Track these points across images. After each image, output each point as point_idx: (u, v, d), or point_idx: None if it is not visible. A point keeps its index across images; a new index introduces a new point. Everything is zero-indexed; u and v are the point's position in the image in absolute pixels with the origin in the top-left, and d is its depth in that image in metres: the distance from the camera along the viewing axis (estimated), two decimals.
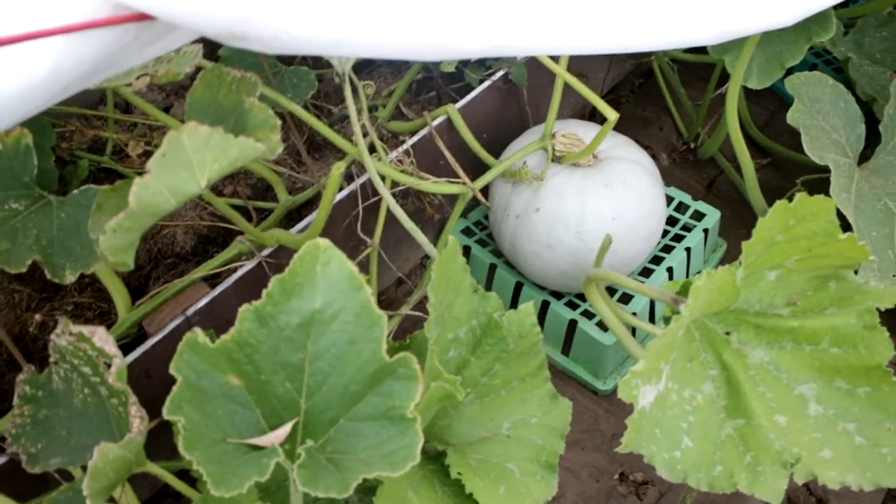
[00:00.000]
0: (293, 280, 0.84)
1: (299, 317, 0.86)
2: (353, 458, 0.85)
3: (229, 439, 0.85)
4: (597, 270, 1.32)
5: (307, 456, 0.82)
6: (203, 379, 0.85)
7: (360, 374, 0.87)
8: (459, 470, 1.08)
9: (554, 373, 1.61)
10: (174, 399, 0.83)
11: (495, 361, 1.18)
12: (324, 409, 0.88)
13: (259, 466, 0.80)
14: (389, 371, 0.86)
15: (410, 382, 0.86)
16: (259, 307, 0.84)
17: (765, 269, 1.10)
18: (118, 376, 0.90)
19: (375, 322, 0.86)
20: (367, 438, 0.86)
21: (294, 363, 0.87)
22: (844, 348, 1.08)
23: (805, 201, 1.02)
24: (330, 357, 0.87)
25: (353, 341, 0.86)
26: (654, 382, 1.02)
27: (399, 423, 0.86)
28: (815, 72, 1.64)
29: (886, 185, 1.66)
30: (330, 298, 0.85)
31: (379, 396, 0.87)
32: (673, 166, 2.01)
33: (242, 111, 1.05)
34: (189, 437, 0.81)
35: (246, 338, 0.84)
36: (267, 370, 0.86)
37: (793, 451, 1.04)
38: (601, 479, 1.49)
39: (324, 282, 0.85)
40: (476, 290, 1.17)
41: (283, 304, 0.85)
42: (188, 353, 0.84)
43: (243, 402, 0.87)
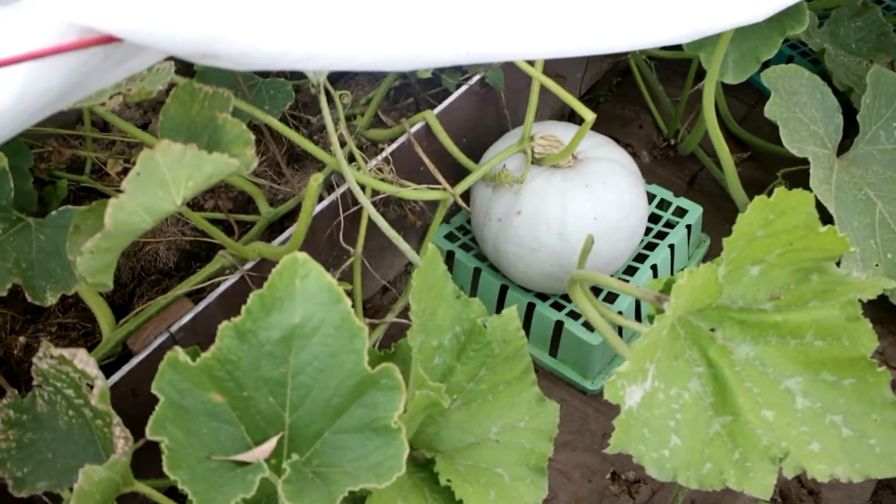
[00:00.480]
0: (272, 295, 0.84)
1: (279, 331, 0.85)
2: (339, 471, 0.84)
3: (214, 457, 0.84)
4: (580, 271, 1.31)
5: (292, 470, 0.82)
6: (186, 397, 0.85)
7: (343, 387, 0.86)
8: (449, 477, 1.08)
9: (542, 374, 1.62)
10: (157, 419, 0.83)
11: (481, 367, 1.18)
12: (308, 422, 0.88)
13: (244, 483, 0.80)
14: (372, 382, 0.86)
15: (393, 393, 0.85)
16: (238, 323, 0.83)
17: (747, 264, 1.10)
18: (101, 398, 0.90)
19: (356, 334, 0.85)
20: (353, 451, 0.86)
21: (276, 378, 0.86)
22: (829, 341, 1.08)
23: (784, 195, 1.02)
24: (312, 370, 0.86)
25: (334, 354, 0.86)
26: (640, 382, 1.02)
27: (384, 433, 0.85)
28: (792, 64, 1.65)
29: (866, 175, 1.66)
30: (309, 312, 0.85)
31: (363, 408, 0.86)
32: (654, 163, 2.01)
33: (216, 127, 1.04)
34: (173, 457, 0.81)
35: (226, 354, 0.84)
36: (249, 386, 0.86)
37: (781, 445, 1.04)
38: (593, 480, 1.49)
39: (303, 296, 0.85)
40: (458, 297, 1.16)
41: (263, 320, 0.84)
42: (169, 372, 0.84)
43: (227, 419, 0.87)
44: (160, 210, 0.94)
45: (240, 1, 0.66)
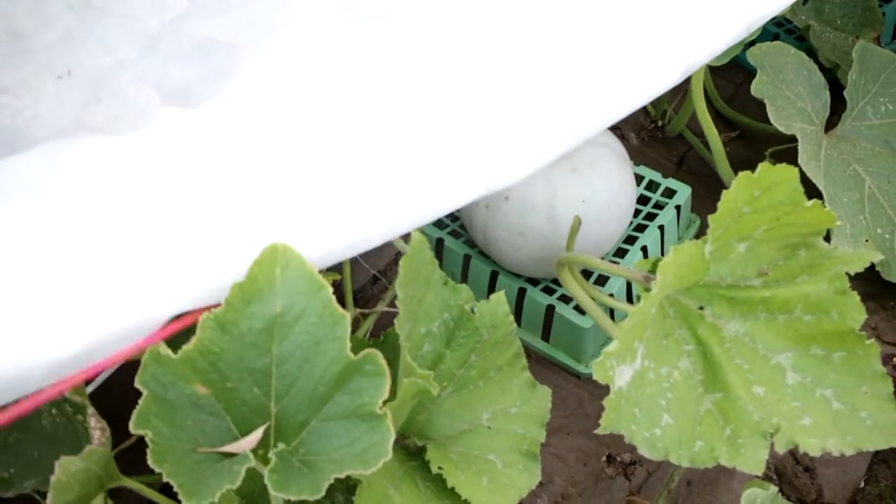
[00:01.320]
0: (252, 285, 0.83)
1: (261, 321, 0.85)
2: (326, 459, 0.84)
3: (200, 449, 0.84)
4: (568, 254, 1.31)
5: (278, 459, 0.82)
6: (169, 391, 0.84)
7: (328, 374, 0.86)
8: (440, 464, 1.08)
9: (535, 359, 1.61)
10: (141, 413, 0.82)
11: (470, 353, 1.17)
12: (294, 411, 0.87)
13: (231, 474, 0.80)
14: (356, 368, 0.85)
15: (378, 378, 0.85)
16: (219, 314, 0.83)
17: (734, 241, 1.10)
18: (75, 390, 0.90)
19: (338, 321, 0.85)
20: (339, 438, 0.86)
21: (260, 368, 0.86)
22: (817, 315, 1.08)
23: (768, 171, 1.02)
24: (296, 359, 0.86)
25: (317, 342, 0.85)
26: (629, 362, 1.02)
27: (369, 419, 0.85)
28: (777, 42, 1.64)
29: (854, 151, 1.66)
30: (291, 301, 0.84)
31: (347, 395, 0.86)
32: (642, 145, 2.00)
33: None
34: (158, 450, 0.81)
35: (209, 346, 0.83)
36: (233, 377, 0.85)
37: (772, 421, 1.04)
38: (588, 463, 1.49)
39: (283, 285, 0.84)
40: (446, 283, 1.16)
41: (244, 310, 0.84)
42: (152, 365, 0.83)
43: (212, 411, 0.86)
44: None
45: None
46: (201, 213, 0.82)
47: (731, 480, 1.44)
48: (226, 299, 0.83)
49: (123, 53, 0.97)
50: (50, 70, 0.95)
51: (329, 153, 0.88)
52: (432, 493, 1.08)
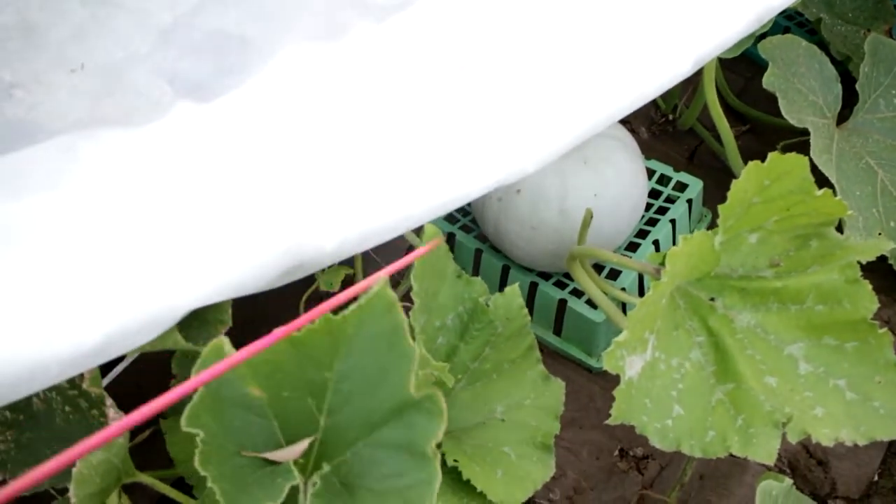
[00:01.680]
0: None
1: (329, 336, 0.84)
2: (367, 487, 0.83)
3: (244, 452, 0.83)
4: (580, 247, 1.32)
5: (322, 484, 0.81)
6: (223, 387, 0.83)
7: (385, 402, 0.83)
8: (455, 457, 1.08)
9: (547, 354, 1.61)
10: (193, 408, 0.81)
11: (484, 346, 1.18)
12: (344, 429, 0.86)
13: (273, 489, 0.79)
14: (414, 405, 0.84)
15: (434, 418, 0.82)
16: (295, 337, 0.82)
17: (745, 232, 1.10)
18: (91, 381, 0.90)
19: (406, 355, 0.83)
20: (385, 466, 0.84)
21: (319, 381, 0.84)
22: (829, 304, 1.08)
23: (778, 160, 1.02)
24: (356, 379, 0.84)
25: (382, 368, 0.83)
26: (639, 352, 1.02)
27: (419, 458, 0.83)
28: (789, 35, 1.64)
29: (867, 144, 1.66)
30: (360, 319, 0.84)
31: (401, 428, 0.83)
32: (653, 139, 2.00)
33: None
34: (206, 451, 0.80)
35: (275, 357, 0.82)
36: (290, 386, 0.84)
37: (784, 411, 1.04)
38: (601, 457, 1.49)
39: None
40: (460, 276, 1.16)
41: (313, 328, 0.83)
42: (213, 361, 0.81)
43: (262, 413, 0.85)
44: None
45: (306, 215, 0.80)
46: (218, 205, 0.83)
47: (745, 474, 1.44)
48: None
49: (136, 47, 0.97)
50: (63, 64, 0.95)
51: (342, 145, 0.88)
52: (447, 485, 1.08)
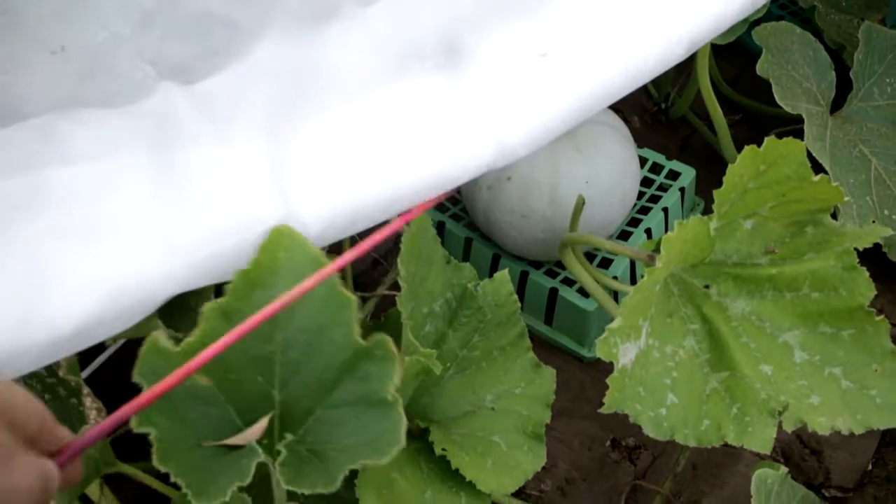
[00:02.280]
0: (256, 272, 0.80)
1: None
2: (336, 448, 0.81)
3: (204, 443, 0.81)
4: (572, 234, 1.30)
5: (288, 452, 0.79)
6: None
7: (335, 360, 0.83)
8: (444, 446, 1.06)
9: (538, 343, 1.59)
10: (141, 410, 0.79)
11: (473, 333, 1.16)
12: (299, 398, 0.84)
13: (239, 469, 0.77)
14: (365, 354, 0.82)
15: (387, 364, 0.81)
16: (224, 304, 0.80)
17: (740, 218, 1.08)
18: (69, 369, 0.88)
19: (345, 305, 0.82)
20: (348, 425, 0.82)
21: (264, 356, 0.82)
22: (825, 292, 1.06)
23: (774, 145, 1.00)
24: (301, 345, 0.82)
25: (323, 327, 0.82)
26: (633, 340, 1.00)
27: (380, 406, 0.81)
28: (783, 22, 1.62)
29: (861, 132, 1.64)
30: (295, 285, 0.82)
31: (356, 381, 0.82)
32: (645, 129, 1.99)
33: None
34: (163, 448, 0.77)
35: (212, 337, 0.80)
36: (236, 367, 0.82)
37: (780, 399, 1.02)
38: (593, 447, 1.47)
39: (288, 269, 0.81)
40: (449, 262, 1.14)
41: (248, 298, 0.80)
42: (151, 357, 0.80)
43: (215, 402, 0.83)
44: None
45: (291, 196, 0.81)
46: (200, 187, 0.81)
47: (738, 463, 1.42)
48: (230, 286, 0.80)
49: (118, 28, 0.95)
50: (43, 45, 0.93)
51: (329, 126, 0.86)
52: (436, 474, 1.06)
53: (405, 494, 1.00)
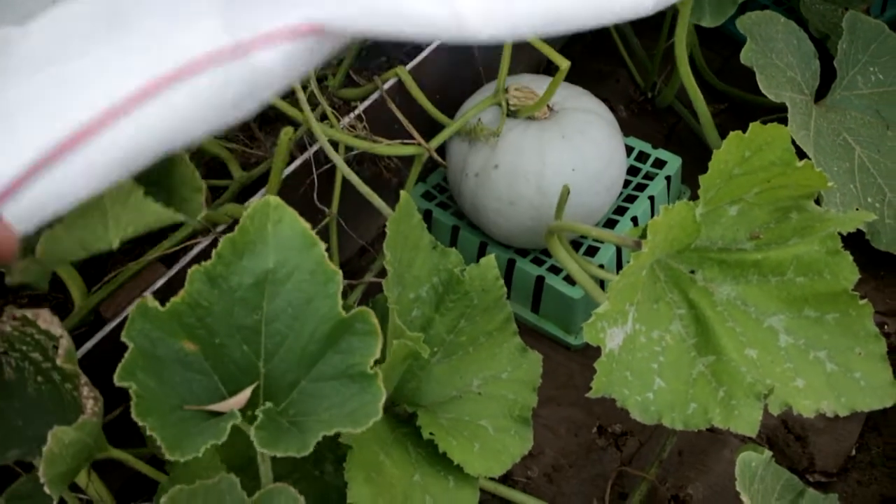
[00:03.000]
0: (243, 239, 0.82)
1: (252, 277, 0.83)
2: (315, 419, 0.82)
3: (186, 406, 0.82)
4: (558, 222, 1.30)
5: (265, 417, 0.80)
6: (157, 346, 0.82)
7: (318, 333, 0.84)
8: (431, 430, 1.07)
9: (525, 331, 1.59)
10: (126, 366, 0.80)
11: (460, 318, 1.16)
12: (284, 371, 0.86)
13: (216, 430, 0.78)
14: (347, 327, 0.83)
15: (369, 338, 0.83)
16: (209, 267, 0.81)
17: (725, 204, 1.09)
18: (67, 357, 0.87)
19: (330, 278, 0.83)
20: (329, 398, 0.84)
21: (250, 325, 0.84)
22: (810, 276, 1.07)
23: (759, 130, 1.01)
24: (286, 317, 0.84)
25: (309, 299, 0.84)
26: (620, 324, 1.01)
27: (360, 379, 0.83)
28: (767, 10, 1.63)
29: (844, 121, 1.65)
30: (283, 257, 0.83)
31: (338, 354, 0.84)
32: (632, 117, 1.99)
33: (172, 162, 1.00)
34: (142, 404, 0.79)
35: (197, 300, 0.81)
36: (222, 333, 0.84)
37: (766, 382, 1.03)
38: (579, 434, 1.48)
39: (276, 240, 0.82)
40: (435, 247, 1.15)
41: (235, 264, 0.82)
42: (140, 320, 0.81)
43: (200, 369, 0.84)
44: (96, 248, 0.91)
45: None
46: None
47: (723, 449, 1.43)
48: (216, 251, 0.81)
49: None
50: None
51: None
52: (423, 458, 1.07)
53: (394, 478, 1.00)
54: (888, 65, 1.70)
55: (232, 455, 0.96)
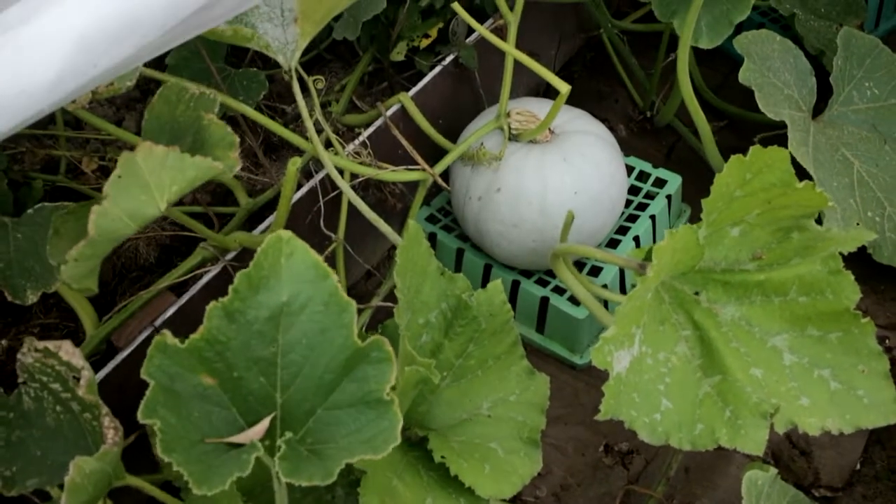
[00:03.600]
0: (258, 274, 0.83)
1: (268, 310, 0.85)
2: (334, 447, 0.84)
3: (207, 440, 0.84)
4: (562, 245, 1.31)
5: (287, 447, 0.82)
6: (176, 381, 0.84)
7: (334, 362, 0.86)
8: (443, 453, 1.08)
9: (531, 351, 1.61)
10: (148, 403, 0.82)
11: (468, 342, 1.18)
12: (300, 400, 0.87)
13: (239, 462, 0.80)
14: (362, 356, 0.85)
15: (384, 365, 0.85)
16: (227, 303, 0.83)
17: (727, 225, 1.11)
18: (88, 389, 0.89)
19: (345, 308, 0.85)
20: (347, 426, 0.86)
21: (266, 357, 0.86)
22: (812, 295, 1.08)
23: (760, 153, 1.03)
24: (302, 348, 0.86)
25: (324, 330, 0.86)
26: (627, 347, 1.02)
27: (377, 406, 0.85)
28: (763, 29, 1.65)
29: (842, 136, 1.67)
30: (297, 289, 0.85)
31: (354, 382, 0.86)
32: (631, 137, 2.01)
33: (200, 128, 1.04)
34: (166, 440, 0.80)
35: (216, 335, 0.83)
36: (239, 367, 0.85)
37: (771, 401, 1.04)
38: (587, 453, 1.49)
39: (289, 273, 0.84)
40: (443, 273, 1.16)
41: (251, 299, 0.84)
42: (158, 356, 0.83)
43: (219, 402, 0.86)
44: (144, 215, 0.94)
45: None
46: None
47: (729, 465, 1.45)
48: (232, 287, 0.83)
49: None
50: None
51: None
52: (435, 481, 1.08)
53: (407, 501, 1.02)
54: (883, 79, 1.73)
55: (246, 481, 0.97)
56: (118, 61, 0.74)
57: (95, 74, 0.74)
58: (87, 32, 0.72)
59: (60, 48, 0.71)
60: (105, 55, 0.73)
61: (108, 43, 0.73)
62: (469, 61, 1.66)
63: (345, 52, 1.88)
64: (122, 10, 0.73)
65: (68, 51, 0.71)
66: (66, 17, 0.71)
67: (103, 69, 0.74)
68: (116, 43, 0.73)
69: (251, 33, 1.22)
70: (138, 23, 0.74)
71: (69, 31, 0.71)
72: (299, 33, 1.23)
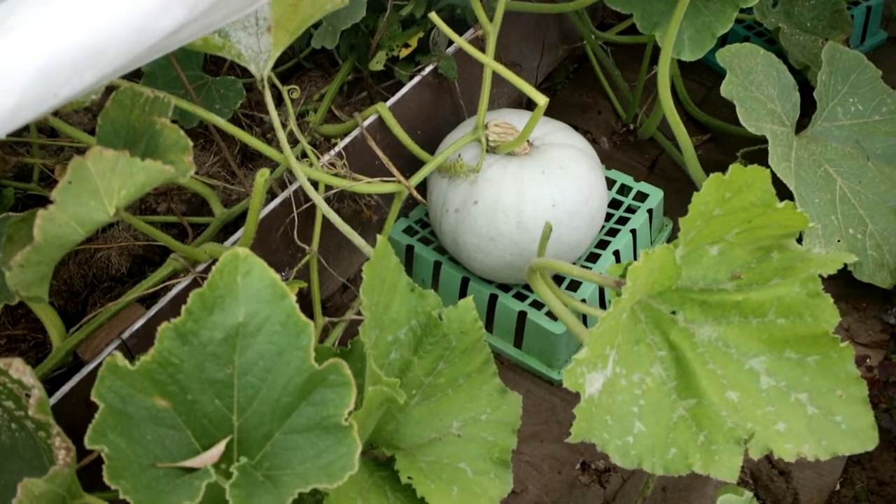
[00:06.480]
0: (213, 293, 0.81)
1: (223, 331, 0.82)
2: (290, 473, 0.81)
3: (159, 464, 0.81)
4: (539, 260, 1.29)
5: (240, 474, 0.79)
6: (128, 403, 0.81)
7: (291, 385, 0.83)
8: (409, 474, 1.05)
9: (508, 366, 1.59)
10: (96, 427, 0.79)
11: (438, 360, 1.15)
12: (257, 424, 0.84)
13: (190, 489, 0.77)
14: (320, 379, 0.82)
15: (343, 389, 0.82)
16: (179, 324, 0.80)
17: (706, 244, 1.08)
18: (39, 408, 0.86)
19: (302, 330, 0.82)
20: (304, 451, 0.83)
21: (222, 379, 0.83)
22: (791, 318, 1.06)
23: (739, 172, 1.01)
24: (259, 370, 0.83)
25: (281, 351, 0.83)
26: (600, 368, 1.00)
27: (335, 432, 0.82)
28: (747, 43, 1.63)
29: (825, 152, 1.66)
30: (254, 309, 0.82)
31: (312, 406, 0.83)
32: (614, 149, 1.99)
33: (154, 133, 1.01)
34: (114, 466, 0.77)
35: (168, 357, 0.80)
36: (194, 389, 0.82)
37: (746, 426, 1.02)
38: (563, 471, 1.47)
39: (246, 292, 0.81)
40: (413, 289, 1.14)
41: (205, 320, 0.81)
42: (110, 377, 0.80)
43: (173, 425, 0.83)
44: (92, 220, 0.90)
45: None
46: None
47: (706, 486, 1.42)
48: (185, 308, 0.80)
49: None
50: None
51: None
52: (402, 503, 1.05)
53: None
54: (867, 96, 1.71)
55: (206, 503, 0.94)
56: (80, 89, 0.72)
57: (55, 103, 0.72)
58: (46, 64, 0.70)
59: (20, 80, 0.69)
60: (66, 85, 0.72)
61: (70, 74, 0.72)
62: (449, 72, 1.64)
63: (324, 60, 1.86)
64: (86, 42, 0.71)
65: (27, 81, 0.70)
66: (26, 49, 0.70)
67: (64, 98, 0.72)
68: (77, 74, 0.72)
69: (223, 42, 1.19)
70: (102, 53, 0.72)
71: (28, 63, 0.70)
72: (273, 42, 1.21)
